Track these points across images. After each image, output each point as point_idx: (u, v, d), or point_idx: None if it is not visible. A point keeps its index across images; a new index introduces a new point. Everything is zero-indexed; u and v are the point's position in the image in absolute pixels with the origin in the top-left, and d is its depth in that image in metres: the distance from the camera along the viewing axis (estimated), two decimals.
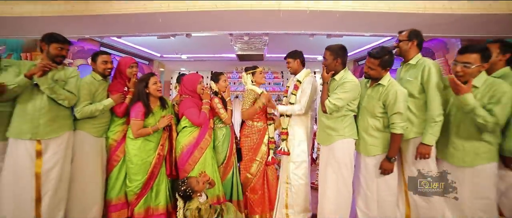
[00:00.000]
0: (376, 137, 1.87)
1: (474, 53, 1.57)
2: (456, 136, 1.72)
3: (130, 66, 2.30)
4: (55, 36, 1.88)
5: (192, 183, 1.93)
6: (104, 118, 2.15)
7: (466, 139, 1.67)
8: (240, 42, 4.16)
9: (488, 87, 1.60)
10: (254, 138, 2.42)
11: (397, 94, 1.74)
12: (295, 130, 2.30)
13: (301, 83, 2.29)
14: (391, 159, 1.78)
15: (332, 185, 1.97)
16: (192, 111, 2.16)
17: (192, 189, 1.91)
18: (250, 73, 2.50)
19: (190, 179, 1.96)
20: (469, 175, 1.66)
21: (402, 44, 1.91)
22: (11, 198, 1.72)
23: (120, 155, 2.19)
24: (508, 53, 1.76)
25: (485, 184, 1.63)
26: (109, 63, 2.22)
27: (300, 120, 2.32)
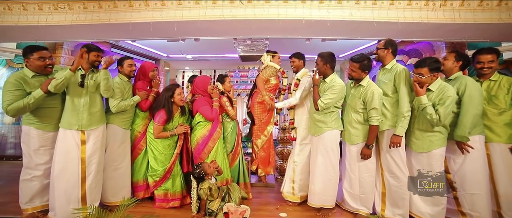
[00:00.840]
0: (358, 128, 2.28)
1: (425, 67, 2.02)
2: (417, 129, 2.15)
3: (152, 70, 2.75)
4: (95, 46, 2.27)
5: (205, 167, 2.34)
6: (130, 113, 2.54)
7: (424, 131, 2.11)
8: (243, 45, 4.55)
9: (439, 91, 2.02)
10: (264, 107, 2.90)
11: (373, 93, 2.15)
12: (300, 119, 2.74)
13: (300, 81, 2.72)
14: (369, 146, 2.19)
15: (322, 168, 2.37)
16: (205, 108, 2.56)
17: (204, 172, 2.32)
18: (271, 55, 3.03)
19: (203, 164, 2.37)
20: (426, 158, 2.10)
21: (380, 51, 2.33)
22: (64, 178, 2.09)
23: (143, 145, 2.61)
24: (461, 61, 2.19)
25: (437, 163, 2.07)
26: (133, 66, 2.64)
27: (305, 112, 2.74)
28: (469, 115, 2.00)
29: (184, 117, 2.63)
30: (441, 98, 1.99)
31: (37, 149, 2.15)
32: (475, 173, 2.05)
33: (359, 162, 2.29)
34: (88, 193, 2.16)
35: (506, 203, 2.07)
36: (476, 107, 2.01)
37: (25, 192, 2.18)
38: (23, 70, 2.18)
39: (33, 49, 2.16)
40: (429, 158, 2.09)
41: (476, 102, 2.01)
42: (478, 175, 2.04)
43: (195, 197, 2.32)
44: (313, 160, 2.47)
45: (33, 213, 2.21)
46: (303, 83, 2.69)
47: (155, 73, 2.77)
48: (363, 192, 2.32)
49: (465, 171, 2.08)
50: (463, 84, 2.06)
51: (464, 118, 2.01)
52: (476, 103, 2.01)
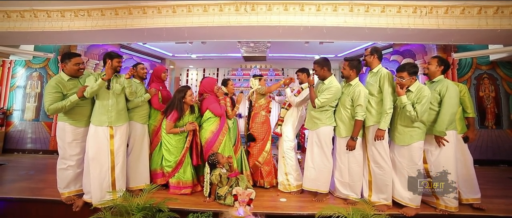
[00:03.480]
0: (346, 124, 2.61)
1: (404, 71, 2.35)
2: (399, 124, 2.46)
3: (164, 71, 3.12)
4: (116, 53, 2.58)
5: (218, 157, 2.67)
6: (146, 110, 2.88)
7: (405, 126, 2.42)
8: (246, 47, 4.86)
9: (417, 91, 2.34)
10: (265, 126, 3.12)
11: (360, 92, 2.48)
12: (288, 121, 3.05)
13: (303, 90, 3.02)
14: (354, 138, 2.51)
15: (318, 158, 2.71)
16: (215, 106, 2.89)
17: (217, 160, 2.65)
18: (258, 79, 3.21)
19: (217, 154, 2.70)
20: (407, 150, 2.42)
21: (367, 57, 2.66)
22: (97, 167, 2.43)
23: (159, 137, 2.94)
24: (443, 65, 2.49)
25: (416, 155, 2.39)
26: (145, 69, 3.02)
27: (293, 114, 3.07)
28: (448, 113, 2.31)
29: (193, 115, 2.94)
30: (418, 97, 2.30)
31: (70, 142, 2.49)
32: (447, 162, 2.36)
33: (347, 153, 2.61)
34: (116, 180, 2.51)
35: (462, 181, 2.47)
36: (454, 106, 2.33)
37: (62, 178, 2.54)
38: (60, 75, 2.51)
39: (70, 56, 2.49)
40: (409, 150, 2.40)
41: (454, 102, 2.33)
42: (449, 163, 2.36)
43: (207, 182, 2.65)
44: (309, 151, 2.80)
45: (70, 196, 2.58)
46: (305, 94, 2.94)
47: (166, 74, 3.13)
48: (352, 180, 2.64)
49: (440, 160, 2.39)
50: (444, 86, 2.36)
51: (443, 116, 2.32)
52: (454, 103, 2.33)
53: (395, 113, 2.47)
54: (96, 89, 2.40)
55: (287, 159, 2.98)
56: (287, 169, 2.97)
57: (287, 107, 3.11)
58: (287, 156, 2.99)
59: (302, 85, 3.08)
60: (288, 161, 2.98)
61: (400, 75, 2.35)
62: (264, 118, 3.12)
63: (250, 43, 4.09)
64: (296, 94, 3.02)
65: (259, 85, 3.17)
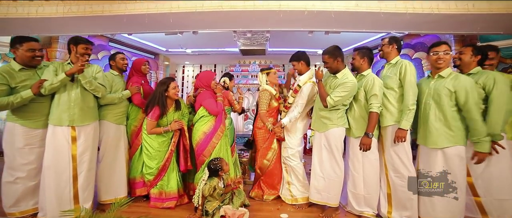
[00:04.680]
0: (359, 122, 2.20)
1: (445, 44, 1.99)
2: (433, 121, 1.98)
3: (144, 64, 2.73)
4: (81, 38, 2.15)
5: (222, 162, 2.26)
6: (122, 108, 2.45)
7: (445, 125, 1.94)
8: (243, 38, 4.41)
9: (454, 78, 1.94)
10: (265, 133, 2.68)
11: (374, 80, 2.09)
12: (293, 124, 2.58)
13: (301, 89, 2.49)
14: (369, 134, 2.08)
15: (327, 164, 2.28)
16: (210, 102, 2.44)
17: (221, 167, 2.21)
18: (265, 73, 2.73)
19: (221, 159, 2.28)
20: (441, 156, 1.95)
21: (384, 47, 2.28)
22: (54, 176, 1.99)
23: (140, 140, 2.51)
24: (479, 55, 2.07)
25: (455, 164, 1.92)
26: (125, 60, 2.63)
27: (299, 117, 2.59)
28: (501, 111, 1.88)
29: (179, 112, 2.51)
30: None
31: (22, 148, 2.03)
32: (502, 176, 1.91)
33: (362, 159, 2.19)
34: (80, 192, 2.07)
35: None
36: (508, 102, 1.90)
37: (8, 194, 2.04)
38: (10, 63, 2.07)
39: (22, 40, 2.05)
40: (445, 156, 1.94)
41: (507, 97, 1.90)
42: (506, 179, 1.91)
43: (200, 191, 2.21)
44: (317, 156, 2.37)
45: (23, 217, 2.09)
46: (304, 93, 2.46)
47: (147, 67, 2.73)
48: (367, 192, 2.21)
49: (491, 174, 1.94)
50: (490, 79, 1.94)
51: (495, 115, 1.88)
52: (508, 99, 1.90)
53: (424, 108, 2.03)
54: (57, 86, 1.97)
55: (289, 166, 2.54)
56: (290, 178, 2.53)
57: (285, 109, 2.62)
58: (290, 163, 2.54)
59: (300, 81, 2.52)
60: (291, 169, 2.54)
61: (445, 49, 1.98)
62: (262, 123, 2.67)
63: (247, 34, 3.65)
64: (293, 95, 2.52)
65: (268, 80, 2.71)
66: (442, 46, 1.95)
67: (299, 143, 2.59)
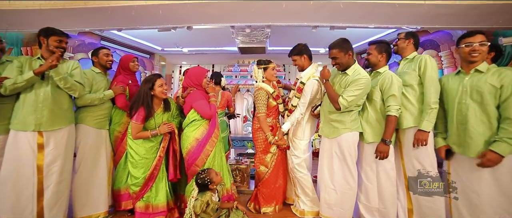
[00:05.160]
0: (373, 125, 1.93)
1: (481, 34, 1.67)
2: (473, 122, 1.65)
3: (132, 60, 2.42)
4: (53, 29, 1.87)
5: (212, 174, 1.94)
6: (103, 110, 2.17)
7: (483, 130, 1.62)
8: (242, 35, 4.12)
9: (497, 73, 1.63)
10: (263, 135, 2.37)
11: (392, 78, 1.82)
12: (297, 127, 2.28)
13: (305, 86, 2.19)
14: (387, 141, 1.80)
15: (339, 175, 1.99)
16: (202, 103, 2.13)
17: (210, 180, 1.91)
18: (262, 69, 2.35)
19: (210, 170, 1.97)
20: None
21: (400, 42, 2.02)
22: (12, 192, 1.69)
23: (125, 146, 2.21)
24: (493, 51, 1.97)
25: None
26: (110, 56, 2.32)
27: (305, 118, 2.29)
28: None
29: (169, 113, 2.21)
30: None
31: None
32: None
33: (376, 167, 1.91)
34: (46, 210, 1.77)
35: None
36: None
37: None
38: None
39: None
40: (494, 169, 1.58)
41: None
42: None
43: (191, 209, 1.90)
44: (327, 166, 2.08)
45: None
46: (308, 91, 2.17)
47: (136, 64, 2.43)
48: (383, 205, 1.92)
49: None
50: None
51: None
52: None
53: (458, 109, 1.71)
54: (22, 85, 1.69)
55: (297, 177, 2.25)
56: (299, 190, 2.25)
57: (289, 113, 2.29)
58: (297, 175, 2.25)
59: (302, 78, 2.20)
60: (297, 181, 2.25)
61: (481, 40, 1.66)
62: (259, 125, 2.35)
63: (246, 29, 3.36)
64: (297, 95, 2.20)
65: (264, 77, 2.35)
66: (477, 36, 1.65)
67: (307, 148, 2.29)
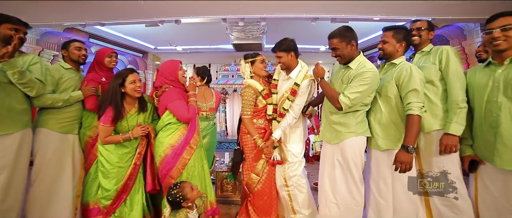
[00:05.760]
0: (388, 128, 1.59)
1: (505, 16, 1.35)
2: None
3: (109, 55, 2.09)
4: (6, 16, 1.59)
5: (185, 189, 1.62)
6: (71, 112, 1.89)
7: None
8: (236, 30, 3.85)
9: None
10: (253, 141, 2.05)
11: (411, 70, 1.49)
12: (289, 133, 1.98)
13: (300, 88, 1.88)
14: (409, 148, 1.43)
15: (343, 186, 1.69)
16: (179, 104, 1.81)
17: (183, 196, 1.61)
18: (249, 63, 2.05)
19: (183, 184, 1.65)
20: None
21: (424, 33, 1.70)
22: None
23: (96, 153, 1.92)
24: None
25: None
26: (83, 50, 2.03)
27: (298, 123, 1.99)
28: None
29: (145, 114, 1.92)
30: None
31: None
32: None
33: (392, 180, 1.57)
34: None
35: None
36: None
37: None
38: None
39: None
40: None
41: None
42: None
43: None
44: (328, 176, 1.78)
45: None
46: (305, 92, 1.89)
47: (113, 60, 2.11)
48: None
49: None
50: None
51: None
52: None
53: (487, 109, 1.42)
54: None
55: (294, 187, 1.93)
56: (295, 204, 1.93)
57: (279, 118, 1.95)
58: (293, 184, 1.93)
59: (296, 79, 1.88)
60: (296, 193, 1.93)
61: (506, 23, 1.34)
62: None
63: (239, 23, 3.08)
64: (290, 98, 1.88)
65: (252, 71, 2.03)
66: (498, 20, 1.34)
67: (302, 152, 1.99)
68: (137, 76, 1.81)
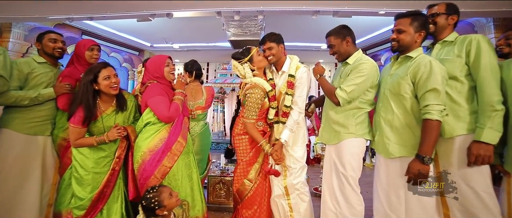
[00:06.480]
0: (401, 132, 1.37)
1: None
2: None
3: (90, 48, 1.87)
4: None
5: (163, 194, 1.43)
6: (41, 111, 1.69)
7: None
8: (233, 26, 3.66)
9: None
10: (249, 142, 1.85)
11: (431, 65, 1.26)
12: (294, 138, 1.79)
13: (296, 79, 1.74)
14: (425, 158, 1.22)
15: (340, 196, 1.54)
16: (159, 100, 1.59)
17: (159, 202, 1.42)
18: (247, 62, 1.76)
19: (162, 188, 1.45)
20: None
21: (440, 18, 1.45)
22: None
23: (71, 157, 1.72)
24: None
25: None
26: (59, 42, 1.83)
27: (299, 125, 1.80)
28: None
29: (124, 114, 1.72)
30: None
31: None
32: None
33: (406, 192, 1.35)
34: None
35: None
36: None
37: None
38: None
39: None
40: None
41: None
42: None
43: None
44: (326, 180, 1.66)
45: None
46: (305, 80, 1.73)
47: (95, 53, 1.89)
48: None
49: None
50: None
51: None
52: None
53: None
54: None
55: (296, 195, 1.74)
56: (296, 215, 1.73)
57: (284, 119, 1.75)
58: (295, 193, 1.74)
59: (290, 70, 1.74)
60: (297, 202, 1.74)
61: None
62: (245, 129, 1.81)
63: (235, 16, 2.88)
64: (289, 92, 1.74)
65: (254, 68, 1.78)
66: None
67: (304, 155, 1.81)
68: (111, 71, 1.60)
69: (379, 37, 4.64)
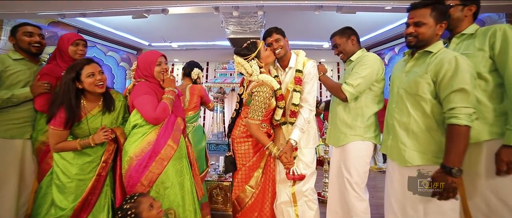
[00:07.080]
0: (422, 138, 1.19)
1: None
2: None
3: (75, 43, 1.72)
4: None
5: (142, 205, 1.28)
6: (18, 113, 1.56)
7: None
8: (232, 23, 3.52)
9: None
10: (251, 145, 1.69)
11: (457, 61, 1.08)
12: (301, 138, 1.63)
13: (304, 74, 1.59)
14: (453, 170, 1.03)
15: (344, 202, 1.48)
16: (145, 99, 1.44)
17: (136, 214, 1.27)
18: (255, 58, 1.56)
19: (141, 198, 1.31)
20: None
21: (454, 10, 1.28)
22: None
23: (51, 163, 1.59)
24: None
25: None
26: (35, 36, 1.68)
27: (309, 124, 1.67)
28: None
29: (112, 115, 1.57)
30: None
31: None
32: None
33: (424, 203, 1.17)
34: None
35: None
36: None
37: None
38: None
39: None
40: None
41: None
42: None
43: None
44: (331, 184, 1.60)
45: None
46: (312, 76, 1.59)
47: (80, 48, 1.74)
48: None
49: None
50: None
51: None
52: None
53: None
54: None
55: (303, 205, 1.60)
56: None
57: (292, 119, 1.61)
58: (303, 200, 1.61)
59: (297, 65, 1.61)
60: (305, 209, 1.60)
61: None
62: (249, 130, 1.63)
63: (233, 13, 2.74)
64: (297, 88, 1.60)
65: (262, 63, 1.59)
66: None
67: (314, 159, 1.67)
68: (96, 68, 1.45)
69: (382, 35, 4.50)
